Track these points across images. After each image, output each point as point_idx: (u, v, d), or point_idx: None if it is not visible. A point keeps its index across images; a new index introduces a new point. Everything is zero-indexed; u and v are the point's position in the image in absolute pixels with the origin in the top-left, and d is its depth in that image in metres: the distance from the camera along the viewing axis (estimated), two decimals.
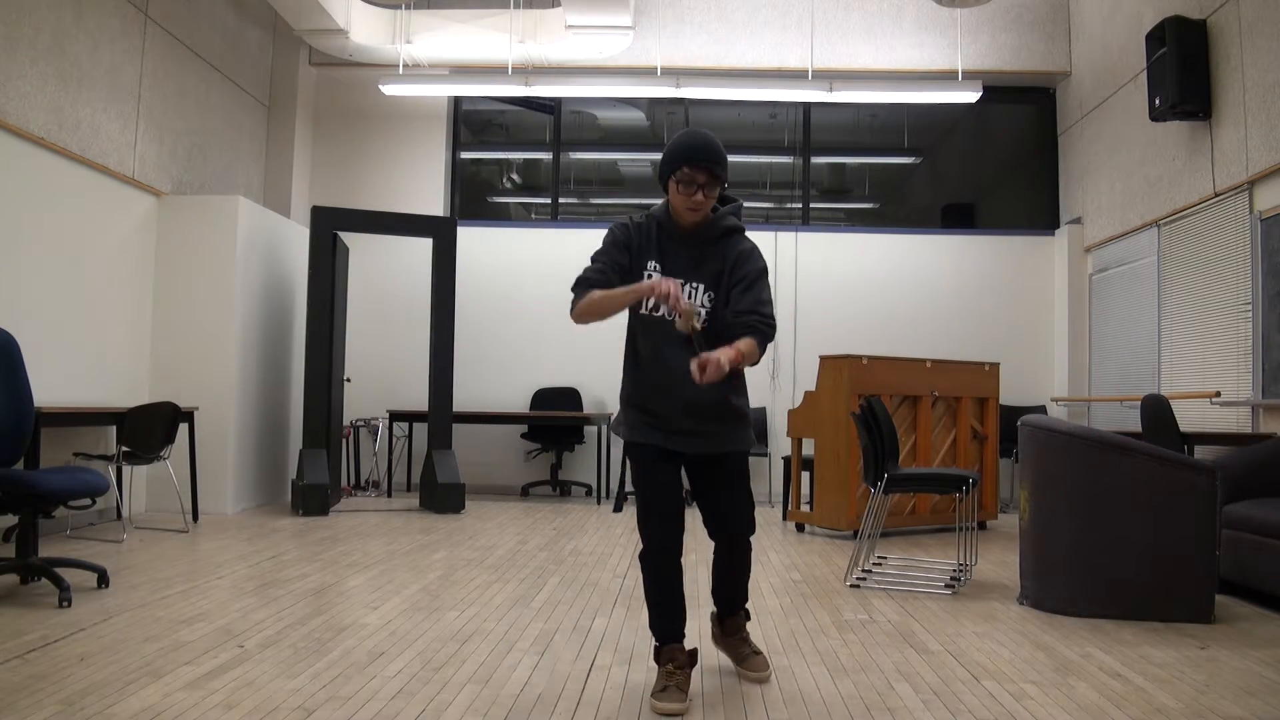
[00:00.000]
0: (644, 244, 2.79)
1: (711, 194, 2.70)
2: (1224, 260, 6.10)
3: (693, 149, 2.68)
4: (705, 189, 2.68)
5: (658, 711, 2.60)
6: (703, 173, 2.66)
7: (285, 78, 8.49)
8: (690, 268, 2.75)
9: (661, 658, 2.77)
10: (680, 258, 2.76)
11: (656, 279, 2.63)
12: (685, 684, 2.69)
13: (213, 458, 6.55)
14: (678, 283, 2.59)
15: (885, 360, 6.24)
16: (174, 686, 2.71)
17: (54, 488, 3.82)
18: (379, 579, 4.42)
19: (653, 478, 2.77)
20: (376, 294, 8.48)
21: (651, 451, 2.76)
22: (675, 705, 2.60)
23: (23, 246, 5.39)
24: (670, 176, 2.71)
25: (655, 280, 2.61)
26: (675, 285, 2.56)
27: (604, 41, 8.15)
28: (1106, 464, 3.88)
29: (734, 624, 3.04)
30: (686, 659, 2.75)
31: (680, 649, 2.76)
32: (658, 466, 2.76)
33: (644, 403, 2.78)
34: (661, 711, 2.59)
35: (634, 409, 2.81)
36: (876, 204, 9.62)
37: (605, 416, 8.04)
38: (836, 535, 6.09)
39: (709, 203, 2.72)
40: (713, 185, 2.68)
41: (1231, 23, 5.95)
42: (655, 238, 2.79)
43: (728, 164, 2.70)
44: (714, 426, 2.76)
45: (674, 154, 2.71)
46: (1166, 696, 2.79)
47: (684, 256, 2.76)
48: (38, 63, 5.44)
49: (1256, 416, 5.74)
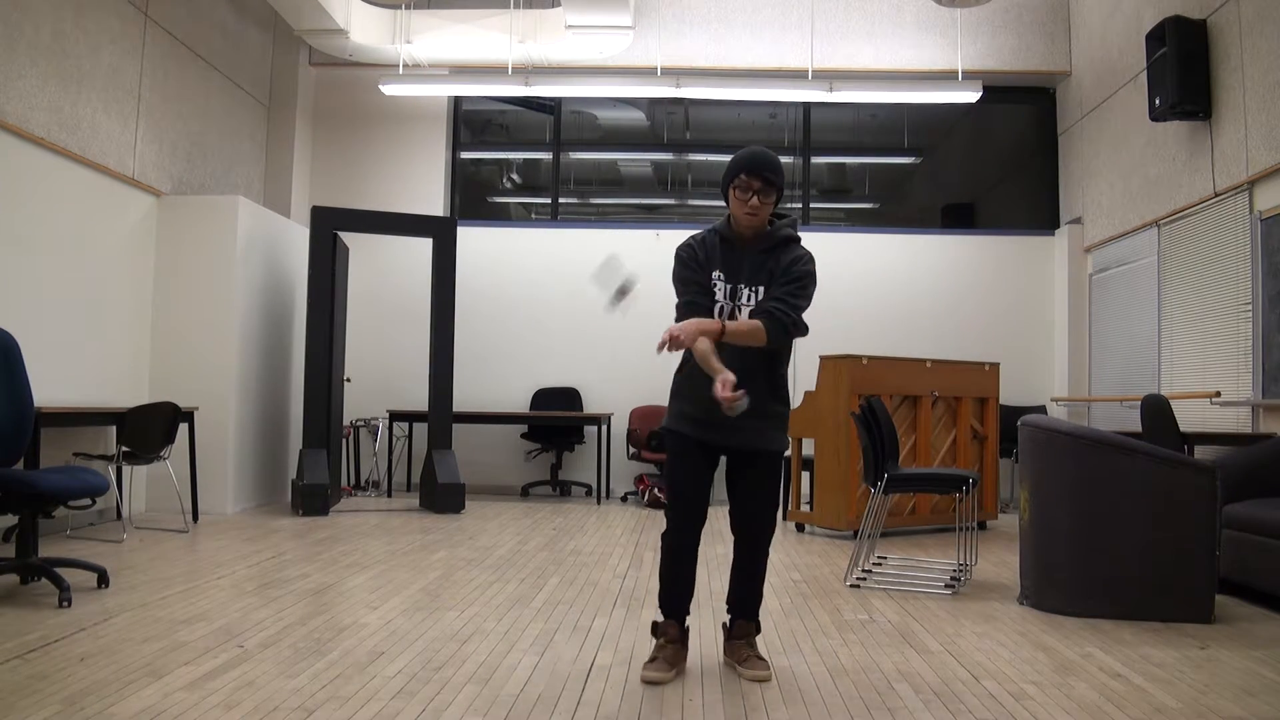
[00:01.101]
0: (708, 257, 3.01)
1: (767, 200, 2.92)
2: (1224, 260, 6.10)
3: (750, 158, 2.92)
4: (760, 194, 2.90)
5: (643, 679, 2.87)
6: (757, 179, 2.89)
7: (285, 78, 8.50)
8: (750, 274, 2.98)
9: (657, 631, 3.03)
10: (741, 266, 2.99)
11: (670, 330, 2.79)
12: (674, 658, 2.96)
13: (213, 458, 6.55)
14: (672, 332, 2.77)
15: (885, 360, 6.24)
16: (174, 686, 2.71)
17: (54, 488, 3.82)
18: (379, 579, 4.42)
19: (684, 464, 3.00)
20: (376, 294, 8.48)
21: (686, 441, 2.98)
22: (659, 674, 2.89)
23: (23, 246, 5.40)
24: (730, 185, 2.95)
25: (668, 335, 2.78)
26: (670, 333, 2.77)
27: (604, 41, 8.15)
28: (1106, 464, 3.88)
29: (742, 628, 3.08)
30: (678, 634, 3.01)
31: (675, 625, 3.01)
32: (690, 455, 2.98)
33: (693, 394, 2.95)
34: (647, 679, 2.87)
35: (679, 401, 3.04)
36: (876, 204, 9.62)
37: (605, 416, 8.04)
38: (836, 535, 6.10)
39: (765, 209, 2.93)
40: (768, 192, 2.91)
41: (1231, 23, 5.95)
42: (718, 250, 3.01)
43: (784, 174, 2.95)
44: (751, 422, 2.86)
45: (733, 165, 2.95)
46: (1166, 696, 2.79)
47: (744, 264, 2.99)
48: (38, 63, 5.44)
49: (1256, 416, 5.74)
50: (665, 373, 3.13)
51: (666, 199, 9.53)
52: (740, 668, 2.99)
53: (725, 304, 2.96)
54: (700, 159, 9.54)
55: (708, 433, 2.94)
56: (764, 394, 2.91)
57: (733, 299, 2.96)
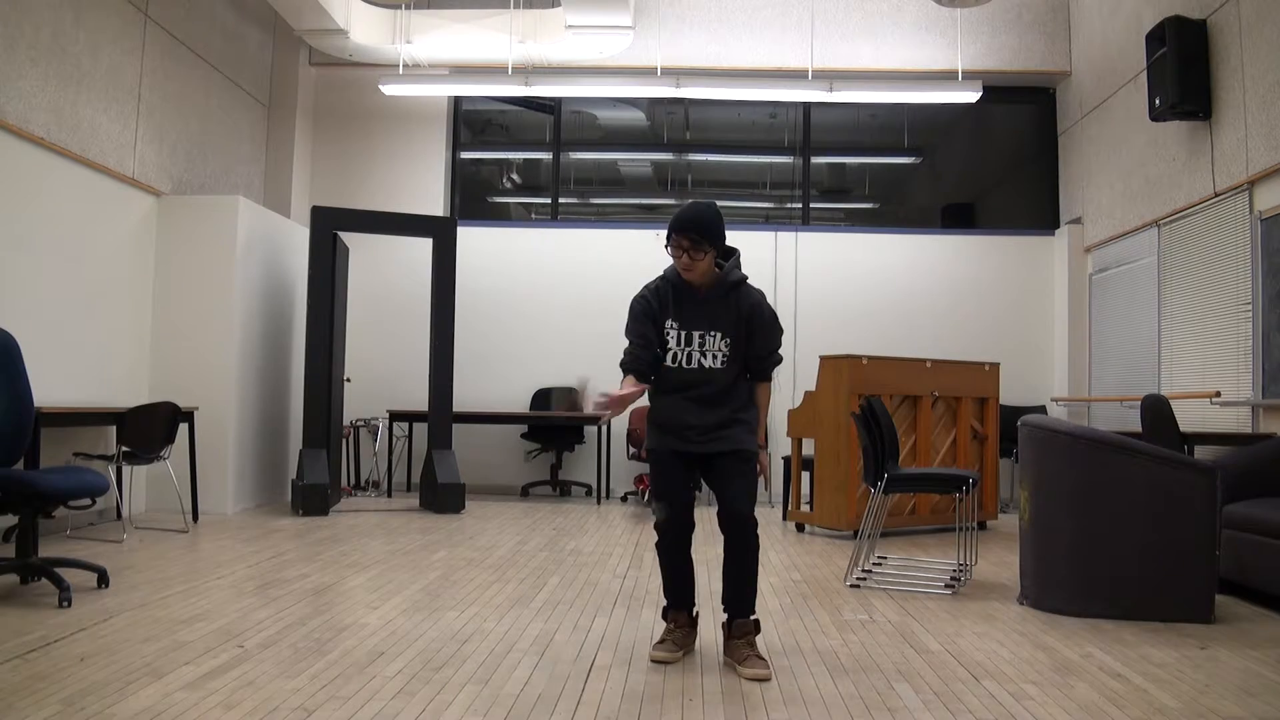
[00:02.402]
0: (661, 306, 3.21)
1: (698, 256, 3.11)
2: (1224, 260, 6.10)
3: (676, 219, 3.13)
4: (690, 253, 3.10)
5: (652, 659, 3.11)
6: (685, 238, 3.09)
7: (285, 78, 8.49)
8: (706, 320, 3.19)
9: (667, 616, 3.25)
10: (696, 313, 3.20)
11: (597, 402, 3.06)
12: (682, 640, 3.19)
13: (213, 458, 6.55)
14: (597, 400, 3.05)
15: (885, 360, 6.23)
16: (174, 686, 2.71)
17: (54, 488, 3.82)
18: (379, 579, 4.42)
19: (665, 470, 3.24)
20: (376, 294, 8.47)
21: (665, 454, 3.23)
22: (668, 654, 3.12)
23: (23, 246, 5.39)
24: (667, 245, 3.16)
25: (595, 406, 3.06)
26: (597, 402, 3.05)
27: (604, 41, 8.15)
28: (1106, 464, 3.88)
29: (741, 627, 3.11)
30: (687, 620, 3.23)
31: (684, 614, 3.23)
32: (670, 463, 3.23)
33: (665, 423, 3.24)
34: (655, 659, 3.10)
35: (656, 427, 3.28)
36: (876, 204, 9.62)
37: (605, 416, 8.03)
38: (836, 535, 6.10)
39: (699, 264, 3.12)
40: (698, 248, 3.09)
41: (1231, 23, 5.95)
42: (671, 298, 3.21)
43: (715, 231, 3.12)
44: (717, 433, 3.19)
45: (670, 226, 3.15)
46: (1166, 696, 2.79)
47: (699, 311, 3.20)
48: (38, 63, 5.44)
49: (1256, 416, 5.74)
50: None
51: (666, 199, 9.53)
52: (740, 667, 3.00)
53: (678, 350, 3.18)
54: (700, 159, 9.55)
55: (681, 444, 3.19)
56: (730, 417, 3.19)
57: (688, 344, 3.18)
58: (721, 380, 3.19)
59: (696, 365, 3.18)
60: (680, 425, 3.18)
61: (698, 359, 3.18)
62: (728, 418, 3.19)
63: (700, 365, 3.18)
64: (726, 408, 3.19)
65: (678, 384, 3.20)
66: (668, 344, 3.20)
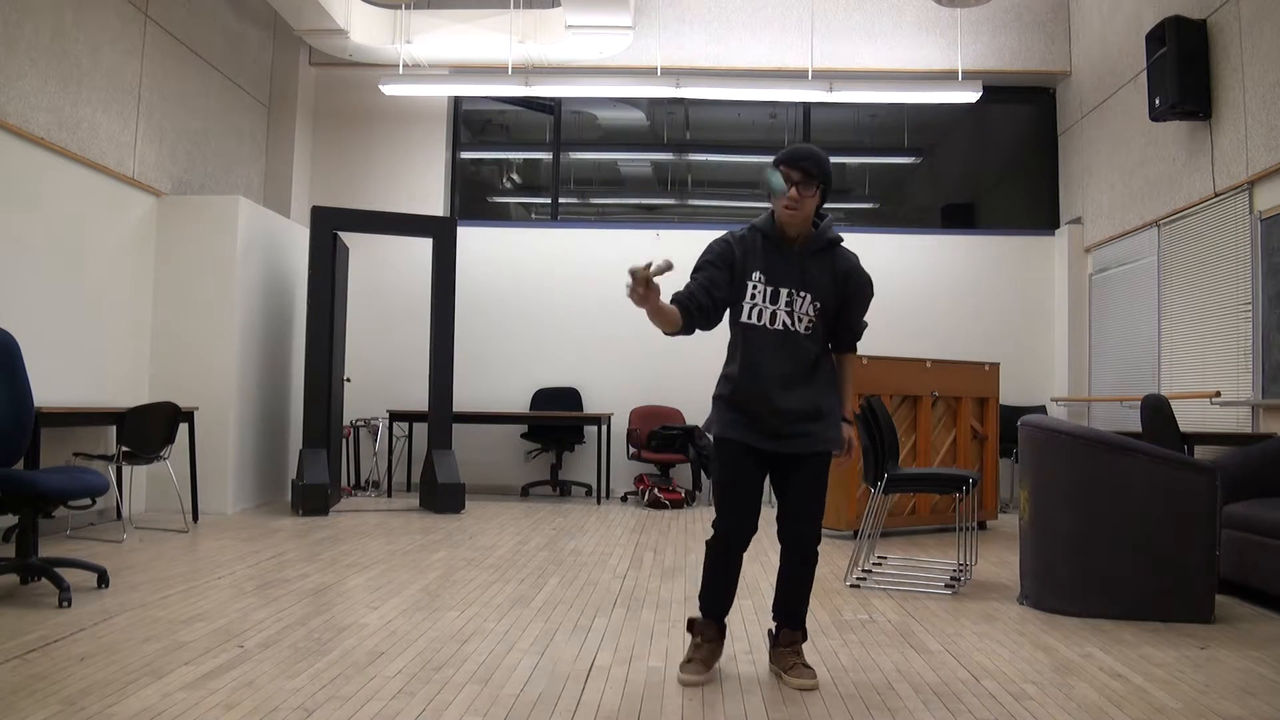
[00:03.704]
0: (747, 255, 2.89)
1: (807, 192, 2.81)
2: (1224, 260, 6.10)
3: (788, 151, 2.85)
4: (800, 186, 2.80)
5: (681, 682, 2.87)
6: (796, 170, 2.81)
7: (285, 78, 8.49)
8: (796, 276, 2.87)
9: (694, 629, 2.99)
10: (786, 267, 2.87)
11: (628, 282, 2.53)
12: (709, 658, 2.94)
13: (213, 458, 6.55)
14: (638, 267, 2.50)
15: (885, 360, 6.23)
16: (174, 686, 2.71)
17: (54, 488, 3.82)
18: (379, 579, 4.42)
19: (736, 471, 2.90)
20: (376, 294, 8.48)
21: (739, 447, 2.88)
22: (696, 677, 2.88)
23: (23, 246, 5.40)
24: (770, 182, 2.86)
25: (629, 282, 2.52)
26: (634, 273, 2.49)
27: (604, 41, 8.15)
28: (1106, 464, 3.88)
29: (789, 636, 3.00)
30: (715, 633, 2.98)
31: (712, 625, 2.98)
32: (742, 462, 2.89)
33: (740, 403, 2.89)
34: (685, 682, 2.87)
35: (728, 408, 2.91)
36: (876, 204, 9.61)
37: (605, 416, 8.04)
38: (836, 535, 6.09)
39: (806, 202, 2.83)
40: (807, 184, 2.81)
41: (1231, 23, 5.94)
42: (760, 248, 2.89)
43: (827, 170, 2.84)
44: (803, 427, 2.87)
45: (778, 158, 2.87)
46: (1166, 696, 2.79)
47: (790, 266, 2.88)
48: (38, 63, 5.44)
49: (1256, 416, 5.74)
50: (665, 373, 3.14)
51: (666, 199, 9.53)
52: (786, 675, 2.91)
53: (763, 306, 2.84)
54: (700, 159, 9.54)
55: (759, 440, 2.86)
56: (816, 400, 2.86)
57: (773, 302, 2.84)
58: (807, 351, 2.85)
59: (782, 326, 2.82)
60: (759, 407, 2.82)
61: (784, 319, 2.83)
62: (813, 405, 2.85)
63: (786, 327, 2.83)
64: (813, 388, 2.85)
65: (757, 347, 2.83)
66: (752, 297, 2.84)
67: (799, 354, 2.84)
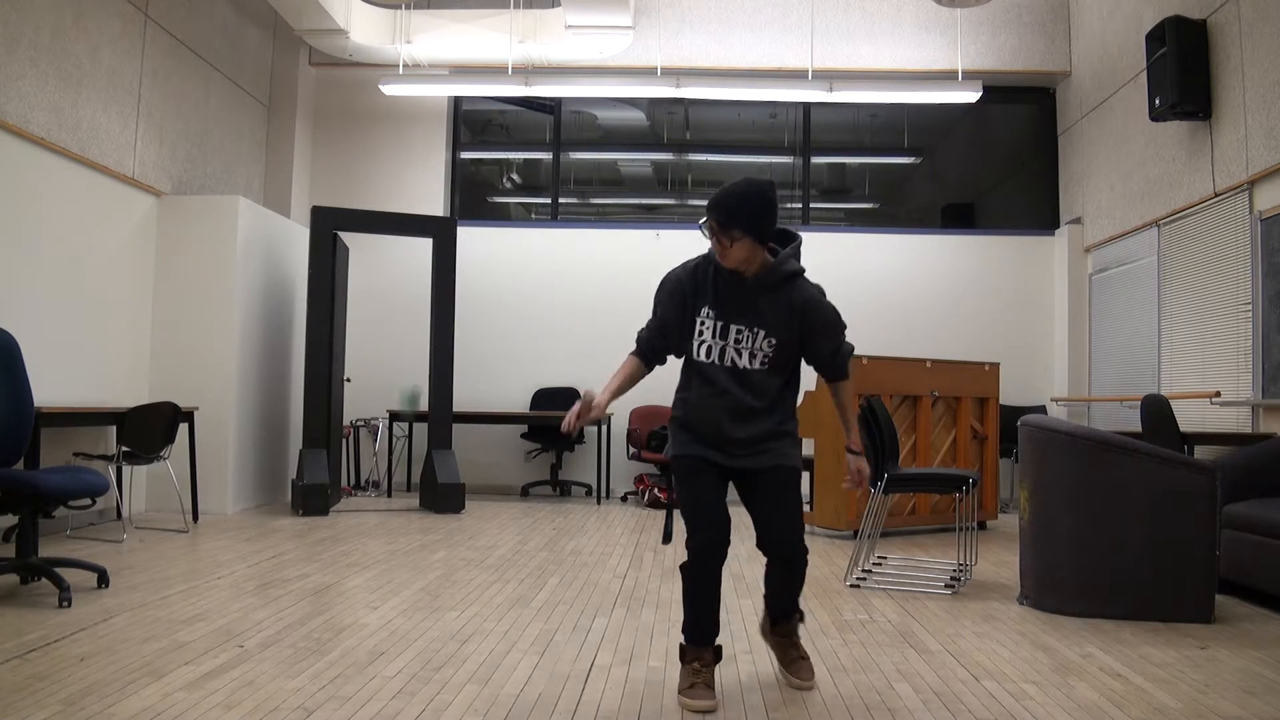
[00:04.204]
0: (699, 289, 2.78)
1: (725, 242, 2.66)
2: (1224, 260, 6.10)
3: (711, 199, 2.70)
4: (719, 235, 2.67)
5: (689, 709, 2.63)
6: (714, 219, 2.67)
7: (285, 78, 8.49)
8: (749, 313, 2.74)
9: (687, 656, 2.76)
10: (738, 303, 2.75)
11: (576, 407, 2.76)
12: (712, 680, 2.73)
13: (213, 458, 6.55)
14: (573, 413, 2.75)
15: (885, 360, 6.23)
16: (174, 686, 2.71)
17: (54, 488, 3.82)
18: (379, 579, 4.42)
19: (696, 484, 2.77)
20: (376, 294, 8.48)
21: (694, 462, 2.78)
22: (706, 702, 2.64)
23: (23, 246, 5.39)
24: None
25: (575, 410, 2.75)
26: (572, 416, 2.75)
27: (604, 41, 8.15)
28: (1106, 464, 3.88)
29: (786, 625, 3.00)
30: (712, 657, 2.77)
31: (709, 651, 2.77)
32: (699, 476, 2.77)
33: (696, 428, 2.80)
34: (693, 709, 2.63)
35: (681, 429, 2.84)
36: (876, 204, 9.62)
37: (606, 416, 8.04)
38: (836, 535, 6.09)
39: (733, 250, 2.66)
40: (724, 232, 2.65)
41: (1231, 23, 5.94)
42: (712, 280, 2.77)
43: (745, 214, 2.63)
44: (762, 445, 2.78)
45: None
46: (1166, 696, 2.79)
47: (743, 302, 2.75)
48: (38, 63, 5.44)
49: (1256, 416, 5.74)
50: (665, 373, 3.08)
51: (666, 199, 9.53)
52: (786, 671, 2.92)
53: (712, 343, 2.74)
54: (700, 159, 9.54)
55: (717, 455, 2.77)
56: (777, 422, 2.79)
57: (723, 337, 2.73)
58: (767, 385, 2.74)
59: (730, 364, 2.73)
60: (717, 435, 2.75)
61: (731, 356, 2.73)
62: (771, 430, 2.77)
63: (734, 364, 2.73)
64: (771, 417, 2.76)
65: (709, 381, 2.75)
66: (700, 334, 2.75)
67: (753, 389, 2.74)
